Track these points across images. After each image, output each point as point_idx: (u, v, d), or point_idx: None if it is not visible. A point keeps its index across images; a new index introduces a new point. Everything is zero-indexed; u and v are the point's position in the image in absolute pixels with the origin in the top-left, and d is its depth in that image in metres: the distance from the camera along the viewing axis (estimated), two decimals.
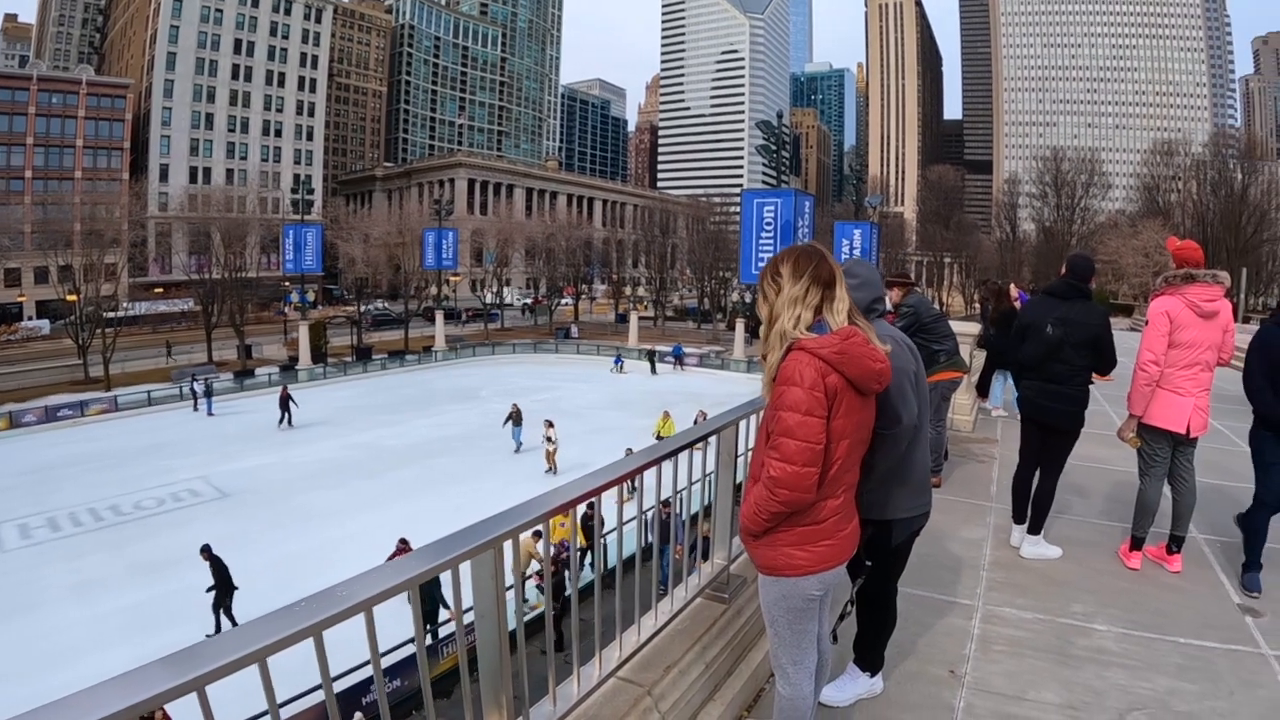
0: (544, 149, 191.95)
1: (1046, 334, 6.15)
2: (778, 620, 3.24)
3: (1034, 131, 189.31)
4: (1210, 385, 6.18)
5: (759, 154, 34.03)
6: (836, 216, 77.70)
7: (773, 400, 3.01)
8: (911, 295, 8.56)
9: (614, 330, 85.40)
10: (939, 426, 8.59)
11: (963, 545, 6.80)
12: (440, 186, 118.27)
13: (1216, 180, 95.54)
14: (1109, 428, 6.87)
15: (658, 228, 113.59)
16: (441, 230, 69.39)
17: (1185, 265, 6.17)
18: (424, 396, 46.53)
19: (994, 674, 4.64)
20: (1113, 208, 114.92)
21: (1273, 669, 4.86)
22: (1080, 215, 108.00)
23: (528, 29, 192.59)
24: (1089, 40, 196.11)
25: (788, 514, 3.01)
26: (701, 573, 4.38)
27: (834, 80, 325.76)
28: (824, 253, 3.12)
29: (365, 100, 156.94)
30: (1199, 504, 6.50)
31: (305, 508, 26.50)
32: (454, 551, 2.47)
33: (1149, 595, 5.93)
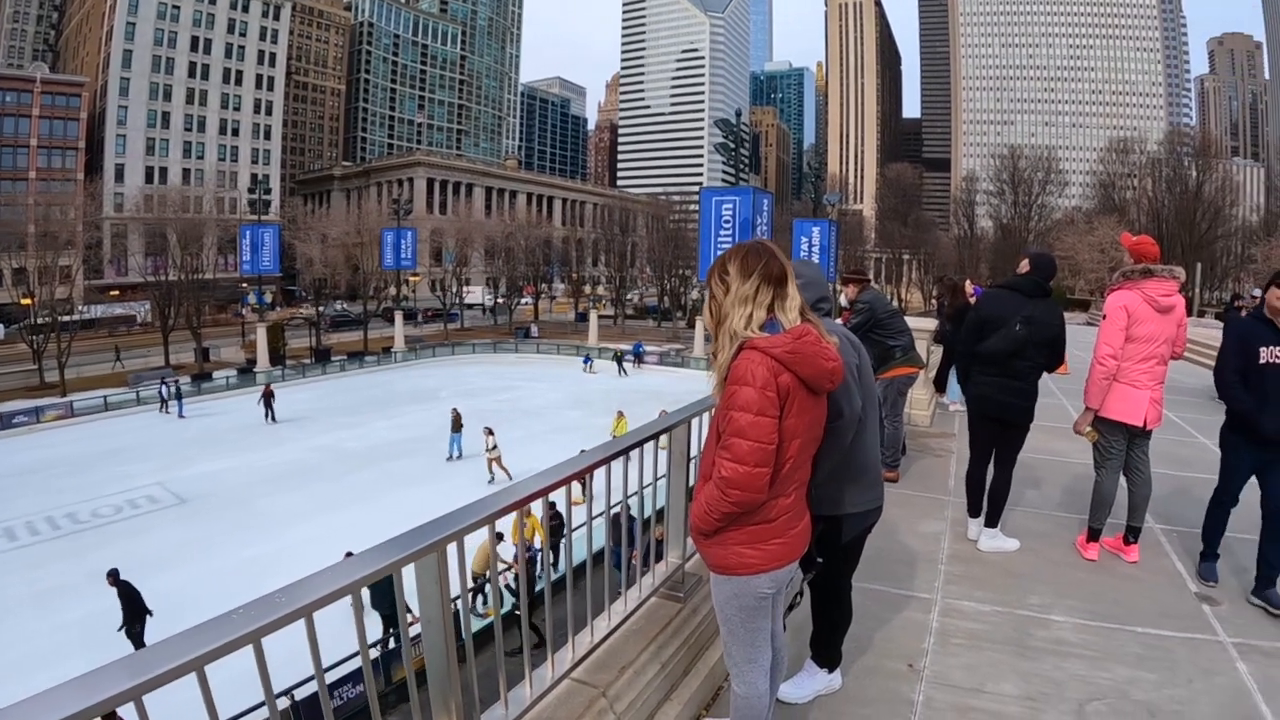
0: (504, 148, 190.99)
1: (1015, 331, 6.14)
2: (731, 619, 3.19)
3: (992, 130, 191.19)
4: (1165, 378, 6.24)
5: (718, 152, 34.05)
6: (795, 214, 77.74)
7: (724, 400, 2.94)
8: (867, 291, 8.59)
9: (574, 329, 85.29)
10: (896, 422, 8.63)
11: (921, 539, 6.80)
12: (399, 186, 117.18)
13: (1172, 178, 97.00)
14: (1065, 421, 6.92)
15: (617, 226, 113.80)
16: (400, 230, 68.93)
17: (1142, 260, 6.22)
18: (384, 398, 46.11)
19: (953, 667, 4.64)
20: (1069, 205, 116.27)
21: (1230, 656, 4.90)
22: (1037, 212, 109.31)
23: (488, 27, 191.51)
24: (1047, 40, 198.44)
25: (739, 514, 2.96)
26: (656, 572, 4.33)
27: (794, 79, 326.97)
28: (773, 249, 3.05)
29: (324, 99, 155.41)
30: (1155, 494, 6.55)
31: (266, 512, 26.16)
32: (394, 556, 2.42)
33: (1107, 586, 5.96)
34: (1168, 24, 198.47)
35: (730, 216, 28.87)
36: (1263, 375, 5.50)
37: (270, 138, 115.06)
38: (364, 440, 35.87)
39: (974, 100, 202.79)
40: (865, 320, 8.29)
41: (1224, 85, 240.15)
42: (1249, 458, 5.71)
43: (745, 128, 33.41)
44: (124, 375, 53.89)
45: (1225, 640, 5.13)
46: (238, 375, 51.88)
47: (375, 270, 80.00)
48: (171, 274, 68.36)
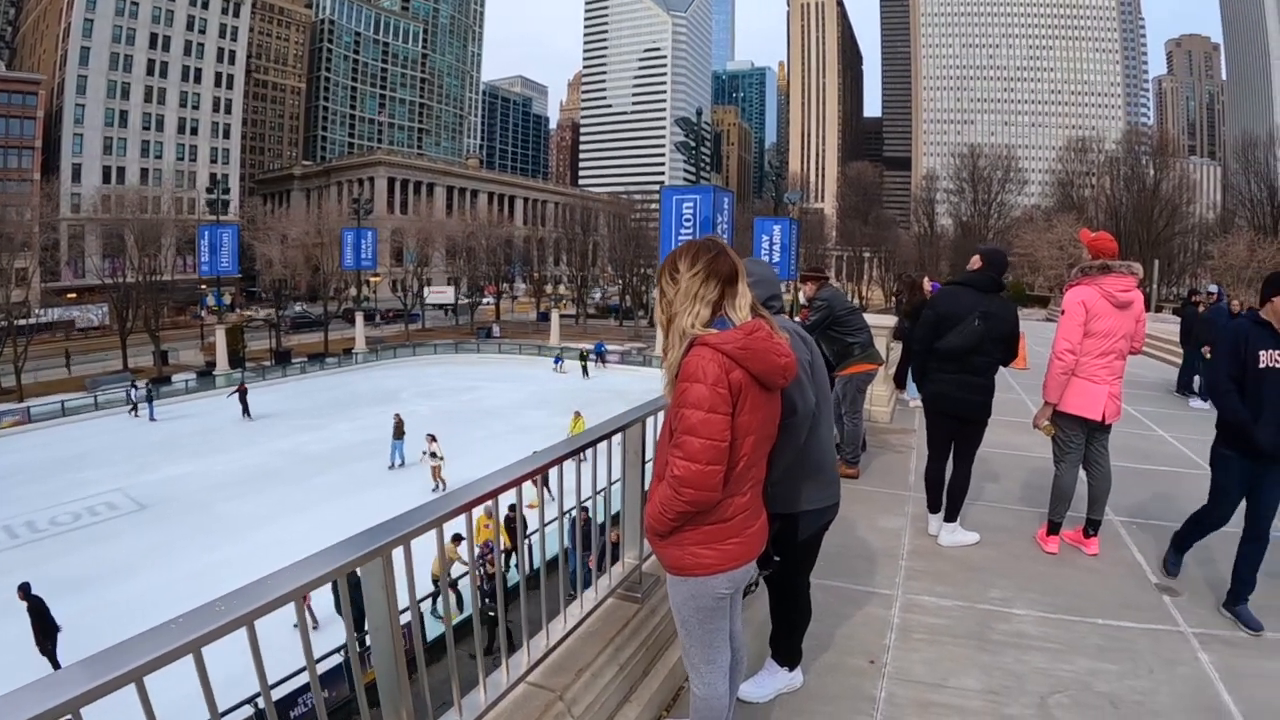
0: (465, 147, 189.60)
1: (974, 327, 6.17)
2: (688, 620, 3.15)
3: (952, 129, 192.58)
4: (1123, 373, 6.28)
5: (679, 151, 34.00)
6: (757, 212, 78.21)
7: (675, 398, 2.90)
8: (825, 289, 8.58)
9: (535, 329, 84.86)
10: (855, 419, 8.64)
11: (881, 535, 6.79)
12: (360, 185, 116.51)
13: (1129, 176, 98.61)
14: (1025, 415, 6.96)
15: (579, 225, 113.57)
16: (360, 230, 68.34)
17: (1100, 256, 6.25)
18: (345, 400, 45.69)
19: (914, 662, 4.62)
20: (1028, 203, 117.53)
21: (1192, 647, 4.93)
22: (996, 210, 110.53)
23: (450, 25, 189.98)
24: (1007, 41, 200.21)
25: (694, 513, 2.92)
26: (612, 574, 4.29)
27: (755, 78, 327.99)
28: (722, 246, 3.03)
29: (284, 97, 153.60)
30: (1115, 487, 6.59)
31: (228, 516, 25.86)
32: (338, 561, 2.36)
33: (1067, 578, 5.99)
34: (1126, 25, 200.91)
35: (691, 215, 28.84)
36: (1261, 381, 5.13)
37: (229, 136, 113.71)
38: (326, 443, 35.56)
39: (934, 100, 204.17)
40: (824, 317, 8.31)
41: (1181, 86, 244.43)
42: (1242, 476, 5.35)
43: (706, 126, 33.41)
44: (81, 380, 53.07)
45: (1186, 631, 5.17)
46: (197, 378, 51.25)
47: (335, 271, 79.25)
48: (130, 276, 67.46)
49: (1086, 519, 6.53)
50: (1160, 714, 4.18)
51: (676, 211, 29.12)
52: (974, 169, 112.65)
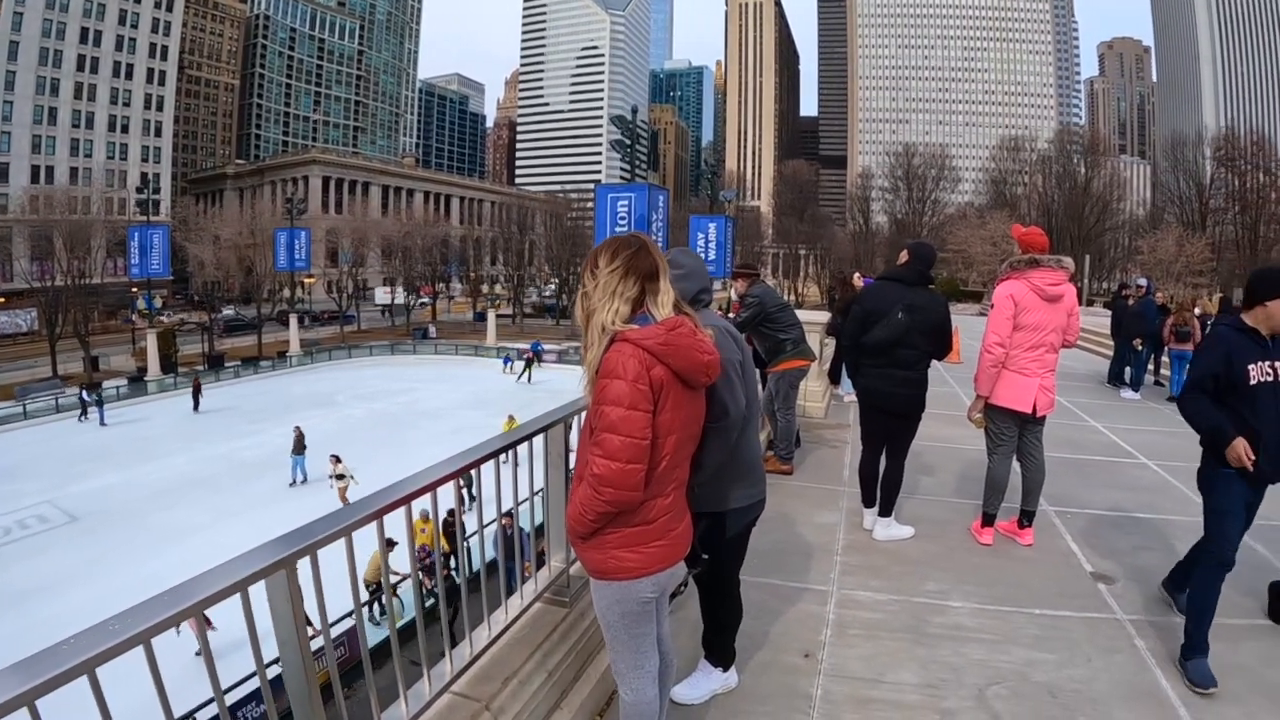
0: (401, 145, 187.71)
1: (897, 320, 6.16)
2: (614, 625, 3.06)
3: (887, 128, 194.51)
4: (1055, 366, 6.32)
5: (614, 149, 33.90)
6: (693, 210, 78.40)
7: (595, 395, 2.83)
8: (757, 285, 8.59)
9: (472, 329, 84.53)
10: (788, 415, 8.59)
11: (816, 531, 6.76)
12: (294, 184, 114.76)
13: (1061, 174, 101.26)
14: (959, 408, 6.99)
15: (515, 225, 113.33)
16: (294, 230, 66.92)
17: (1030, 251, 6.31)
18: (280, 404, 44.56)
19: (850, 658, 4.59)
20: (962, 200, 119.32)
21: (1129, 634, 4.98)
22: (930, 207, 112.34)
23: (386, 21, 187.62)
24: (942, 42, 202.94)
25: (615, 514, 2.84)
26: (538, 578, 4.18)
27: (693, 77, 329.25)
28: (644, 242, 2.95)
29: (217, 94, 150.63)
30: (1048, 478, 6.64)
31: (163, 526, 25.15)
32: (239, 574, 2.24)
33: (1003, 569, 6.01)
34: (1059, 28, 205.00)
35: (626, 213, 28.76)
36: (1254, 399, 4.41)
37: (161, 135, 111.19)
38: (261, 449, 34.74)
39: (870, 99, 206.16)
40: (755, 314, 8.30)
41: (1113, 87, 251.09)
42: (1240, 495, 4.55)
43: (643, 125, 33.49)
44: (10, 388, 51.68)
45: (1123, 618, 5.22)
46: (128, 384, 50.12)
47: (269, 272, 77.92)
48: (59, 279, 65.87)
49: (1021, 510, 6.58)
50: (1099, 701, 4.19)
51: (611, 210, 29.02)
52: (909, 167, 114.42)
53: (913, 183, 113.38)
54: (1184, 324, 15.59)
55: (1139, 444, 10.93)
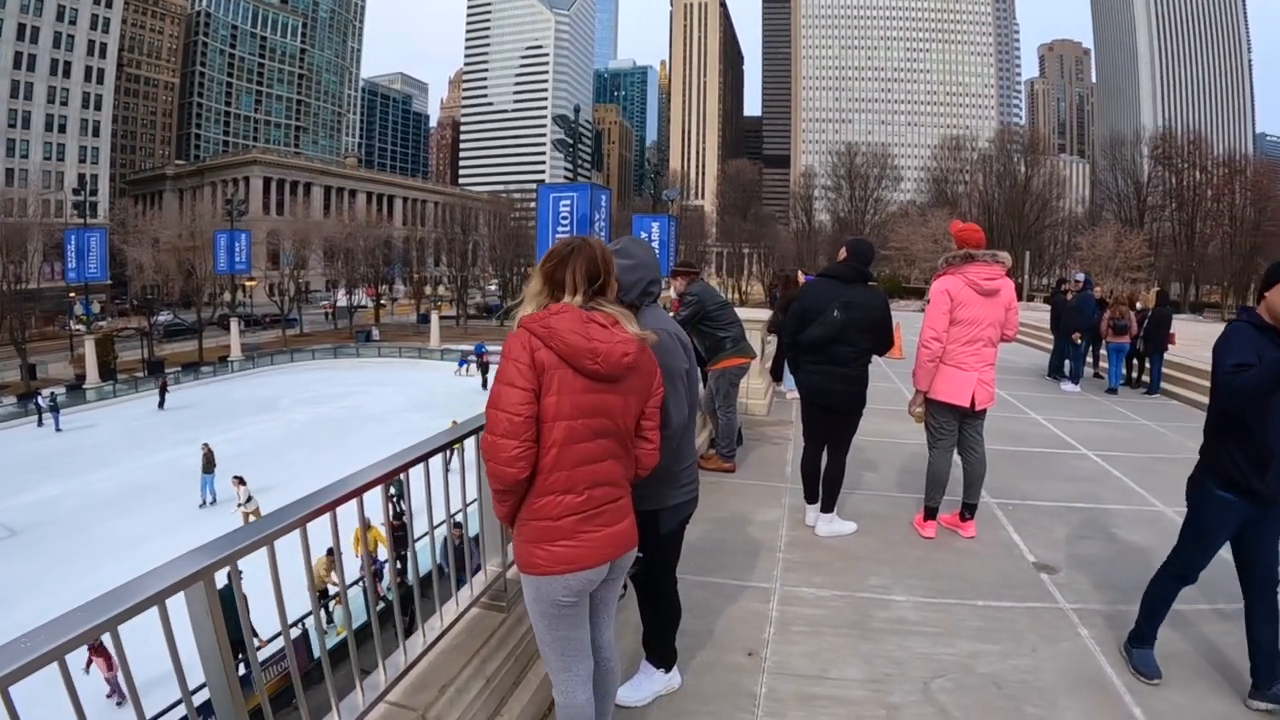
0: (343, 145, 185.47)
1: (833, 317, 6.16)
2: (537, 622, 3.07)
3: (830, 128, 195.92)
4: (994, 360, 6.37)
5: (556, 149, 33.72)
6: (636, 210, 78.41)
7: None
8: (696, 284, 8.57)
9: (416, 331, 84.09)
10: (729, 412, 8.59)
11: (758, 528, 6.74)
12: (234, 185, 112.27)
13: (1002, 172, 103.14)
14: (900, 403, 7.01)
15: (459, 225, 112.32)
16: (234, 232, 65.61)
17: (966, 246, 6.35)
18: (222, 410, 43.80)
19: (794, 655, 4.57)
20: (904, 198, 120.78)
21: (1072, 622, 5.04)
22: (873, 206, 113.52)
23: (329, 19, 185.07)
24: (885, 43, 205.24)
25: (506, 492, 2.90)
26: (474, 583, 4.09)
27: (637, 77, 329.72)
28: (571, 252, 3.05)
29: (156, 93, 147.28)
30: (990, 470, 6.70)
31: (107, 536, 24.38)
32: (155, 587, 2.16)
33: (945, 562, 6.04)
34: (1001, 30, 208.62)
35: (568, 213, 28.58)
36: (1271, 410, 3.89)
37: (99, 135, 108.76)
38: (200, 456, 34.12)
39: (814, 99, 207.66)
40: (694, 313, 8.29)
41: (1053, 88, 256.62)
42: (1235, 520, 4.10)
43: (586, 125, 33.24)
44: None
45: (1066, 607, 5.29)
46: (66, 392, 48.94)
47: (209, 275, 76.14)
48: None
49: (962, 503, 6.64)
50: (1044, 691, 4.22)
51: (554, 209, 28.81)
52: (851, 166, 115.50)
53: (855, 181, 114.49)
54: (1121, 317, 15.83)
55: (1079, 435, 11.09)
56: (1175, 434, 11.71)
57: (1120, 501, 7.91)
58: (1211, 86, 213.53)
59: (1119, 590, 5.56)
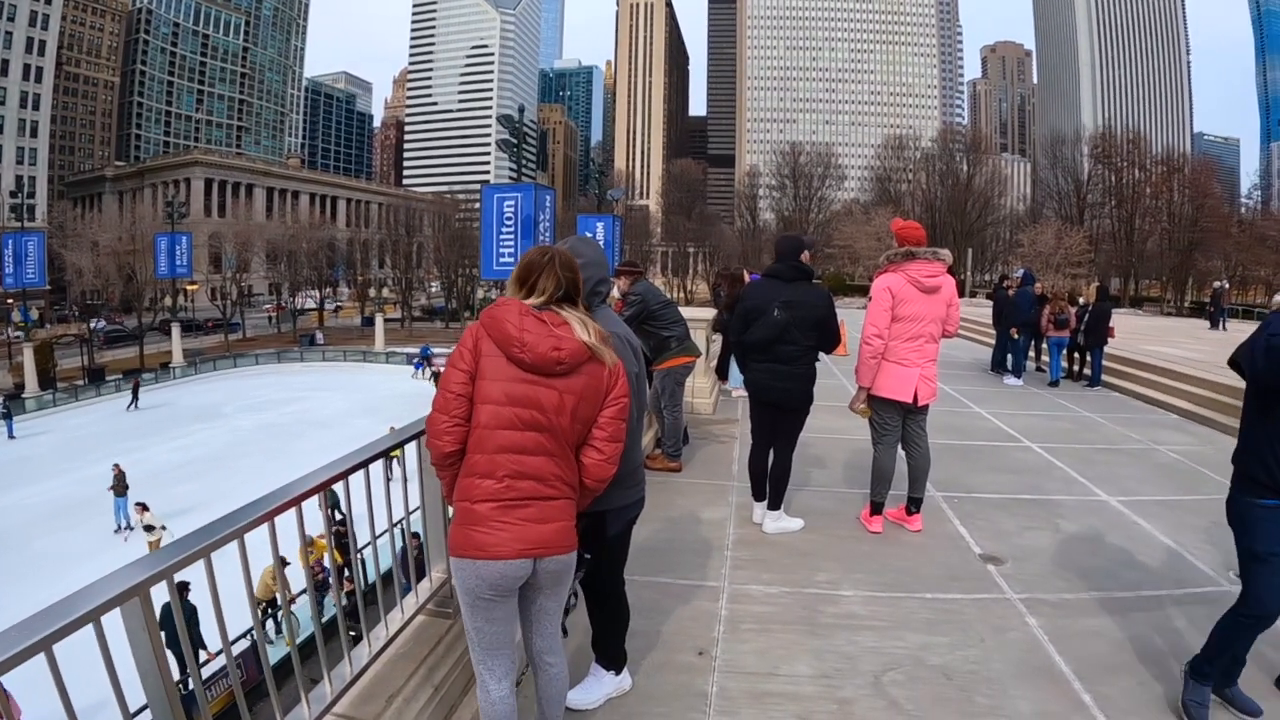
0: (286, 145, 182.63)
1: (773, 317, 6.20)
2: (461, 605, 3.10)
3: (775, 128, 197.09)
4: (936, 356, 6.45)
5: (501, 149, 33.58)
6: (581, 210, 78.34)
7: None
8: (639, 283, 8.56)
9: (360, 334, 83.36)
10: (675, 411, 8.61)
11: (706, 527, 6.75)
12: (175, 187, 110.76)
13: (944, 171, 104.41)
14: (844, 399, 7.03)
15: (403, 226, 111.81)
16: (175, 234, 64.49)
17: (907, 244, 6.41)
18: (164, 418, 43.20)
19: (744, 653, 4.56)
20: (848, 197, 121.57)
21: (1019, 612, 5.09)
22: (817, 205, 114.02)
23: (273, 17, 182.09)
24: (830, 44, 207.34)
25: (440, 467, 3.07)
26: (419, 590, 4.06)
27: (583, 77, 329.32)
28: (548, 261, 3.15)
29: (96, 92, 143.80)
30: (934, 463, 6.78)
31: (47, 552, 23.74)
32: (88, 605, 2.09)
33: (893, 556, 6.08)
34: (944, 31, 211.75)
35: (512, 213, 28.49)
36: None
37: (37, 135, 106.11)
38: (144, 465, 32.61)
39: (758, 99, 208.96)
40: (638, 312, 8.27)
41: (995, 88, 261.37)
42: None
43: (531, 125, 33.27)
44: None
45: (1013, 597, 5.34)
46: (4, 401, 47.94)
47: (150, 280, 74.96)
48: None
49: (908, 497, 6.70)
50: (994, 681, 4.25)
51: (498, 210, 28.71)
52: (795, 166, 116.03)
53: (799, 181, 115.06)
54: (1061, 312, 16.11)
55: (1022, 428, 11.24)
56: (1117, 425, 11.92)
57: (1064, 492, 8.03)
58: (1151, 87, 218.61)
59: (1065, 580, 5.65)
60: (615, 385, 3.13)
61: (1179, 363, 16.23)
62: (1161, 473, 9.18)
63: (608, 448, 3.11)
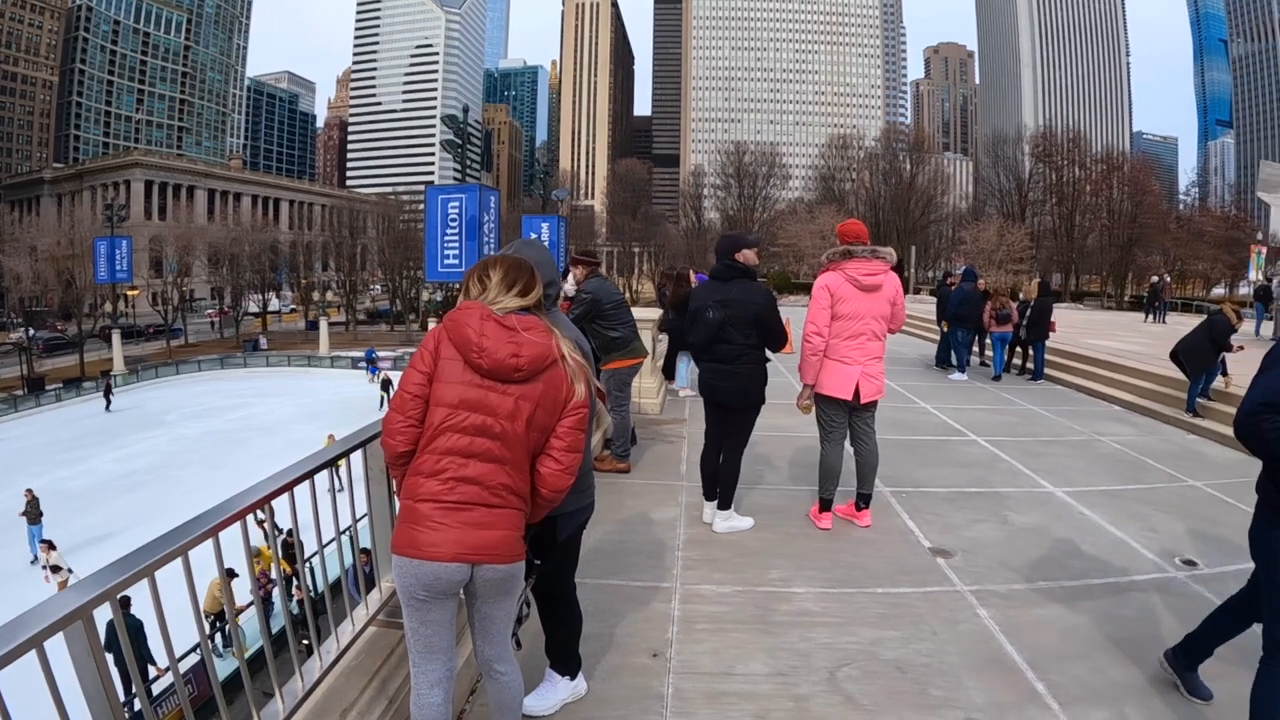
0: (228, 146, 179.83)
1: (708, 317, 6.27)
2: (402, 606, 3.06)
3: (719, 127, 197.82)
4: (880, 354, 6.49)
5: (445, 149, 33.37)
6: (526, 211, 78.09)
7: None
8: (593, 280, 8.45)
9: (304, 338, 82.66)
10: (622, 412, 8.58)
11: (657, 528, 6.74)
12: (115, 189, 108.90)
13: (888, 170, 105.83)
14: (790, 397, 7.06)
15: (347, 228, 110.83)
16: (115, 238, 62.85)
17: (846, 242, 6.49)
18: (106, 428, 42.22)
19: (699, 654, 4.55)
20: (792, 196, 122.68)
21: (970, 604, 5.16)
22: (761, 204, 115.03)
23: (215, 15, 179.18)
24: (774, 44, 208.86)
25: (392, 465, 3.08)
26: (369, 601, 4.00)
27: (528, 76, 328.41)
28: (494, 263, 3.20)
29: (34, 91, 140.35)
30: (882, 459, 6.82)
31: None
32: (30, 631, 2.02)
33: (843, 552, 6.12)
34: (888, 32, 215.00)
35: (457, 214, 28.30)
36: None
37: None
38: (87, 477, 32.36)
39: (703, 99, 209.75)
40: (587, 311, 8.12)
41: (938, 89, 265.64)
42: None
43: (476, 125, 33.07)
44: None
45: (963, 589, 5.41)
46: None
47: (90, 285, 73.52)
48: None
49: (857, 493, 6.77)
50: (948, 673, 4.30)
51: (442, 211, 28.48)
52: (740, 165, 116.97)
53: (744, 180, 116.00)
54: (1003, 307, 16.35)
55: (967, 422, 11.40)
56: (1060, 417, 12.13)
57: (1010, 484, 8.15)
58: (1091, 87, 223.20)
59: (1014, 570, 5.73)
60: (575, 394, 3.09)
61: (1120, 355, 16.56)
62: (1105, 463, 9.35)
63: (566, 458, 3.08)
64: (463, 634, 3.65)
